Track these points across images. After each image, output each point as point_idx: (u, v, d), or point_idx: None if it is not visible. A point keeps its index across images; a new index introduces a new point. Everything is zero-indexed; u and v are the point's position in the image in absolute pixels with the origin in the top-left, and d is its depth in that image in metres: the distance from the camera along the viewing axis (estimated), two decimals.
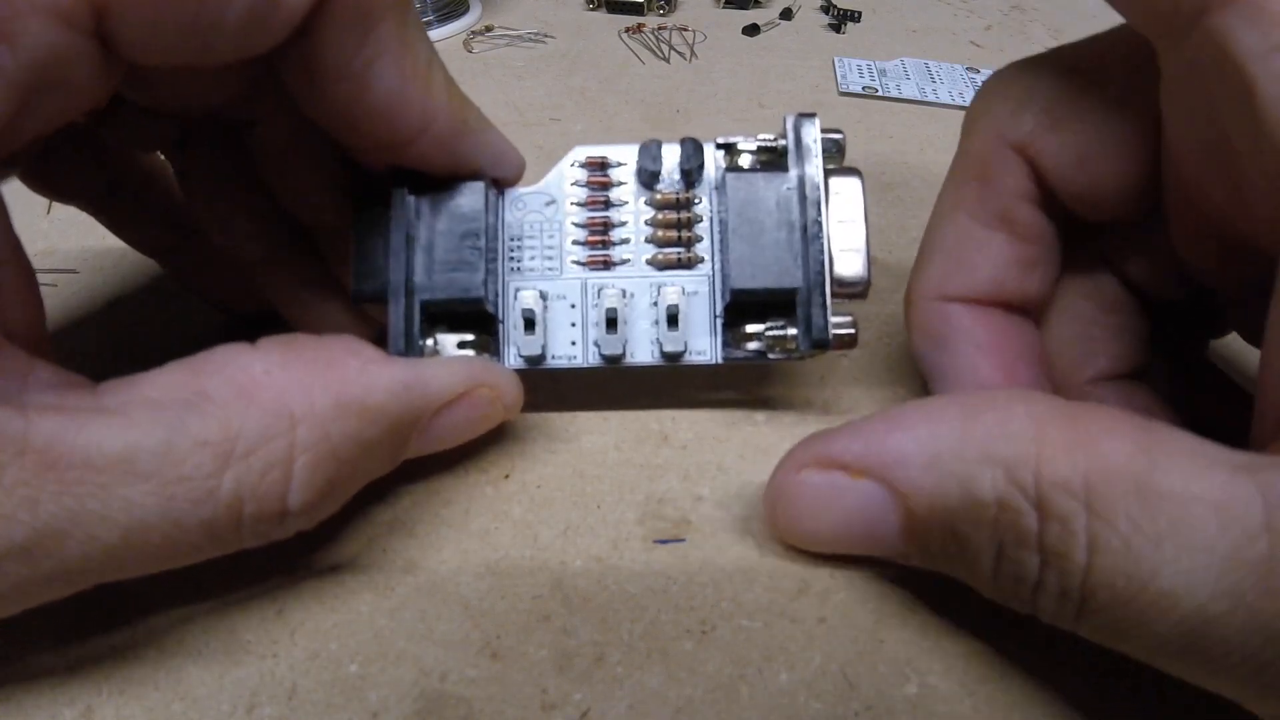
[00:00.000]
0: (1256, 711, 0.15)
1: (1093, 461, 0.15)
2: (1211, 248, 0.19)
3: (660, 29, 0.49)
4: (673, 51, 0.47)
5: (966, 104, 0.24)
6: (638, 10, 0.51)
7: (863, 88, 0.43)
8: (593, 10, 0.52)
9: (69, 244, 0.32)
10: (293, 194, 0.23)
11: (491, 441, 0.24)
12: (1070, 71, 0.20)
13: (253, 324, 0.28)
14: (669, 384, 0.26)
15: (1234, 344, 0.26)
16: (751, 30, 0.49)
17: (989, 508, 0.16)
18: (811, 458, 0.19)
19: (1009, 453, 0.16)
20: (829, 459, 0.18)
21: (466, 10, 0.51)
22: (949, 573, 0.18)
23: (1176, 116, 0.18)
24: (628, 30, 0.49)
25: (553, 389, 0.25)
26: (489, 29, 0.50)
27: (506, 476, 0.23)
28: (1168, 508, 0.14)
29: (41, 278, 0.18)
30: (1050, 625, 0.16)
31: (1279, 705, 0.14)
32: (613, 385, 0.26)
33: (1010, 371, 0.22)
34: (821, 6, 0.51)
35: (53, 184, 0.23)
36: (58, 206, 0.33)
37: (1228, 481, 0.14)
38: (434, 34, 0.48)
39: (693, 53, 0.47)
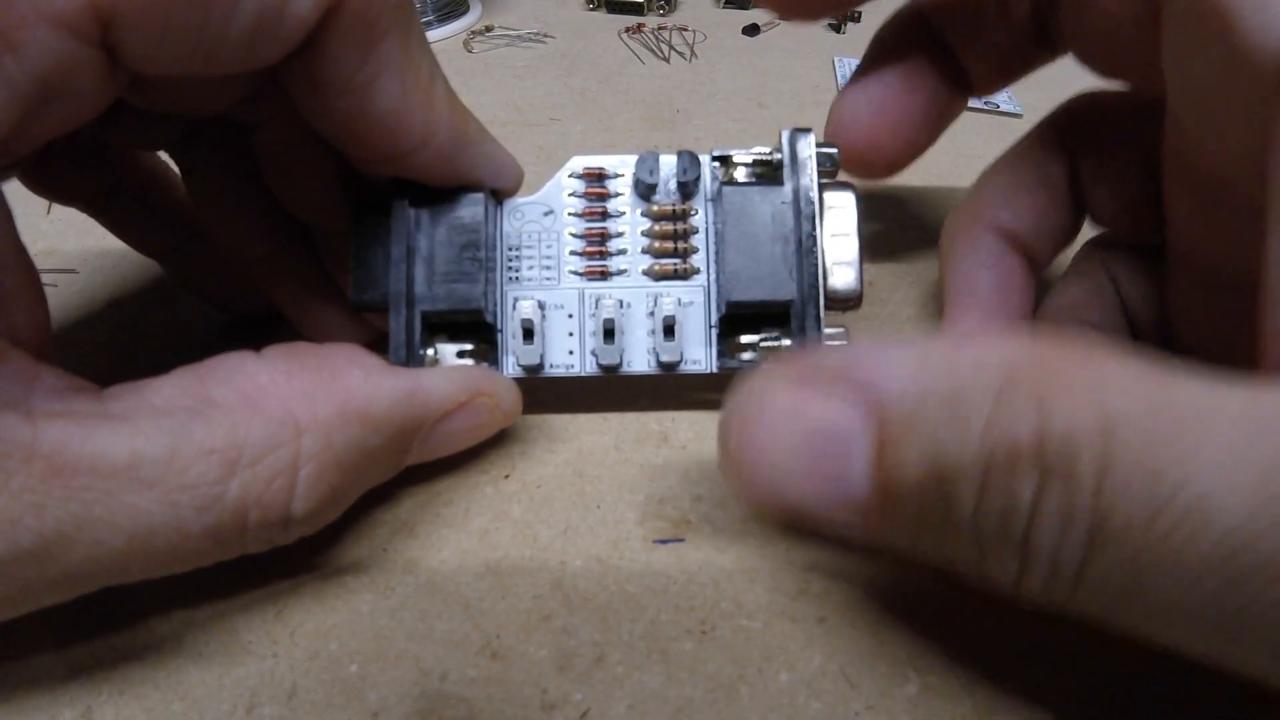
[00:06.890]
0: None
1: (1097, 374, 0.13)
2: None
3: (660, 29, 0.49)
4: (673, 51, 0.47)
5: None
6: (638, 10, 0.51)
7: None
8: (593, 10, 0.52)
9: (69, 244, 0.32)
10: (294, 196, 0.23)
11: (492, 442, 0.24)
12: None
13: (252, 324, 0.28)
14: (669, 385, 0.26)
15: None
16: (751, 30, 0.49)
17: (980, 410, 0.13)
18: (780, 370, 0.16)
19: (1006, 357, 0.14)
20: (800, 371, 0.16)
21: (466, 10, 0.51)
22: (913, 540, 0.15)
23: (1174, 78, 0.19)
24: (628, 30, 0.49)
25: (553, 390, 0.25)
26: (489, 29, 0.50)
27: (506, 476, 0.23)
28: (1188, 418, 0.12)
29: (42, 278, 0.18)
30: (1043, 618, 0.15)
31: None
32: (613, 386, 0.26)
33: (1004, 293, 0.25)
34: None
35: (53, 186, 0.23)
36: (58, 206, 0.33)
37: (1251, 395, 0.12)
38: (434, 34, 0.48)
39: (693, 53, 0.47)
